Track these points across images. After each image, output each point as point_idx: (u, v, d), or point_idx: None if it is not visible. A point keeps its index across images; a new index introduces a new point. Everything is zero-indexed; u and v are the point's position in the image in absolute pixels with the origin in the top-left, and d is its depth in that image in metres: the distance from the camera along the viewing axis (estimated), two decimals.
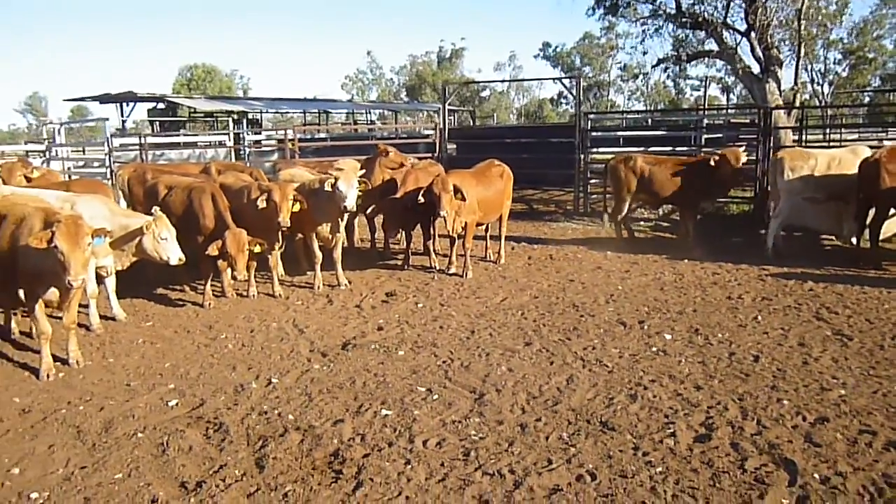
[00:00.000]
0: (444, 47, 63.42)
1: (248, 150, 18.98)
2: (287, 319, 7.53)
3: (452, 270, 9.35)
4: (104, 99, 20.38)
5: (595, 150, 14.00)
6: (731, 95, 53.96)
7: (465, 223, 8.80)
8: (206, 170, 10.81)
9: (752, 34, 17.30)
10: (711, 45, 20.07)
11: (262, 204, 7.82)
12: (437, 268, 9.62)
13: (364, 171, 9.40)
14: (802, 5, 17.35)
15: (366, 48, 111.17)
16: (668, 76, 53.46)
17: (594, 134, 14.15)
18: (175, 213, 8.10)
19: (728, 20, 17.97)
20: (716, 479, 3.99)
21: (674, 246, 10.87)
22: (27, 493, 4.15)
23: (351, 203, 8.08)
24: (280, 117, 41.03)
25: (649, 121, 24.49)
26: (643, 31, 21.56)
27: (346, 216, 8.41)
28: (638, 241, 11.38)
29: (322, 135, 21.62)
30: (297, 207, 7.88)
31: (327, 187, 8.12)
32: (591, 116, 15.18)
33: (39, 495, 4.11)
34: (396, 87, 67.63)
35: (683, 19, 18.11)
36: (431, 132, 17.06)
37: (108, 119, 17.18)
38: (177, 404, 5.39)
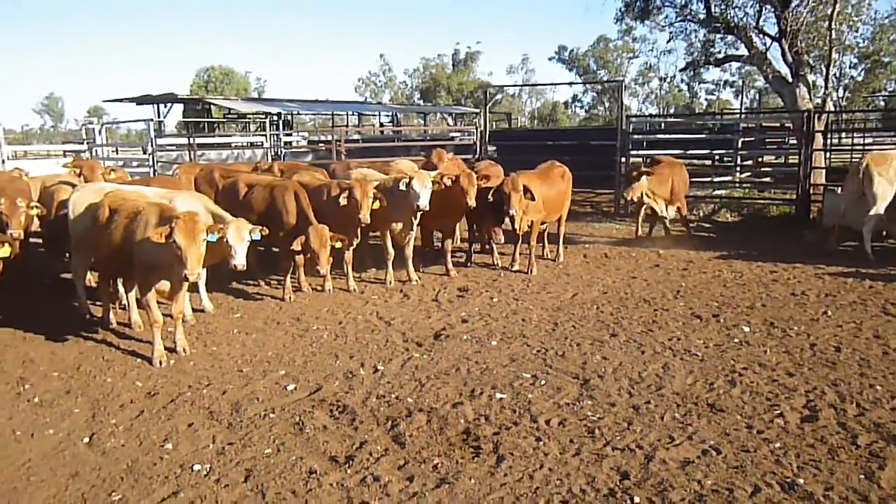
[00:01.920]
0: (459, 50, 63.79)
1: (283, 150, 19.34)
2: (370, 312, 7.86)
3: (516, 268, 9.68)
4: (144, 100, 20.79)
5: (635, 152, 14.29)
6: (745, 99, 54.24)
7: (531, 222, 9.12)
8: (269, 169, 11.17)
9: (784, 39, 17.61)
10: (740, 49, 20.42)
11: (343, 201, 8.15)
12: (500, 265, 9.95)
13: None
14: (834, 9, 17.63)
15: (378, 51, 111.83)
16: (682, 80, 53.82)
17: (635, 136, 14.45)
18: (257, 210, 8.45)
19: (759, 24, 18.27)
20: (833, 453, 4.30)
21: (718, 244, 11.17)
22: (188, 464, 4.48)
23: (424, 202, 8.40)
24: (303, 118, 41.49)
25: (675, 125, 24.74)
26: (670, 34, 21.93)
27: (418, 215, 8.73)
28: (683, 241, 11.67)
29: (354, 136, 21.94)
30: (376, 205, 8.22)
31: (402, 186, 8.45)
32: (633, 119, 15.50)
33: (201, 467, 4.44)
34: (409, 89, 68.01)
35: (715, 24, 18.38)
36: (457, 134, 17.42)
37: (151, 119, 17.57)
38: (295, 388, 5.72)
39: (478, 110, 30.07)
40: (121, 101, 21.30)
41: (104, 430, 5.04)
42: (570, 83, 53.22)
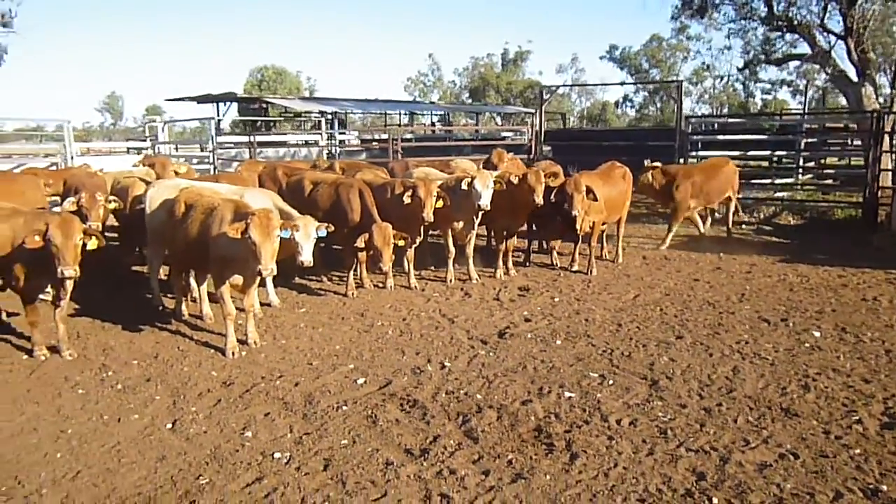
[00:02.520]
0: (508, 49, 63.63)
1: (338, 149, 19.64)
2: (433, 310, 7.96)
3: (575, 268, 9.68)
4: (204, 99, 21.35)
5: (694, 153, 14.10)
6: (803, 99, 52.87)
7: (593, 222, 9.11)
8: (330, 167, 11.38)
9: (849, 37, 17.15)
10: (800, 48, 19.97)
11: (407, 199, 8.27)
12: (560, 265, 9.95)
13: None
14: None
15: (427, 50, 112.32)
16: (737, 79, 52.72)
17: (693, 137, 14.26)
18: (322, 207, 8.63)
19: (823, 22, 17.84)
20: None
21: (781, 247, 10.97)
22: (269, 452, 4.64)
23: (486, 202, 8.45)
24: (352, 116, 41.98)
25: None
26: (728, 32, 21.55)
27: (480, 214, 8.79)
28: (743, 244, 11.50)
29: (407, 135, 22.12)
30: (439, 204, 8.31)
31: (464, 186, 8.52)
32: (693, 120, 15.30)
33: (281, 455, 4.59)
34: (458, 89, 68.11)
35: (778, 22, 18.01)
36: (508, 133, 17.41)
37: (212, 118, 18.03)
38: (365, 382, 5.85)
39: (531, 110, 29.99)
40: (182, 100, 21.92)
41: (185, 417, 5.24)
42: (627, 83, 52.61)
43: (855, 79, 17.57)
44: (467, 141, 24.11)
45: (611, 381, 5.66)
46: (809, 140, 15.18)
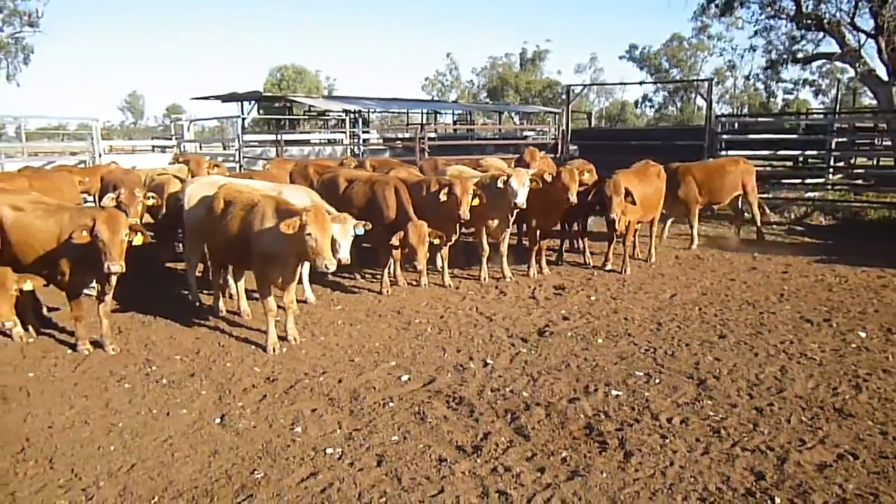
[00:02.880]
0: (527, 49, 63.58)
1: (361, 147, 19.67)
2: (469, 307, 7.95)
3: (609, 267, 9.64)
4: (229, 98, 21.50)
5: (724, 152, 13.99)
6: (825, 99, 52.39)
7: (628, 222, 9.06)
8: (361, 165, 11.40)
9: (881, 36, 16.94)
10: (828, 46, 19.74)
11: (443, 197, 8.26)
12: (592, 265, 9.91)
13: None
14: None
15: (445, 50, 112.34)
16: (759, 78, 52.25)
17: (723, 136, 14.14)
18: (357, 205, 8.64)
19: (853, 20, 17.63)
20: None
21: (815, 248, 10.86)
22: (320, 448, 4.65)
23: (522, 200, 8.41)
24: (371, 115, 42.04)
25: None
26: (754, 30, 21.36)
27: (515, 212, 8.76)
28: (776, 244, 11.39)
29: (430, 134, 22.13)
30: (476, 202, 8.29)
31: (500, 184, 8.50)
32: (722, 119, 15.19)
33: (333, 451, 4.60)
34: (476, 88, 68.14)
35: (806, 20, 17.82)
36: (530, 133, 17.35)
37: (239, 116, 18.13)
38: (409, 379, 5.85)
39: (554, 110, 29.94)
40: (206, 98, 22.09)
41: (233, 412, 5.26)
42: (655, 81, 52.02)
43: (885, 78, 17.37)
44: (489, 140, 24.08)
45: (657, 380, 5.63)
46: (839, 140, 14.98)
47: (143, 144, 24.51)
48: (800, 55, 19.97)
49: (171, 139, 22.49)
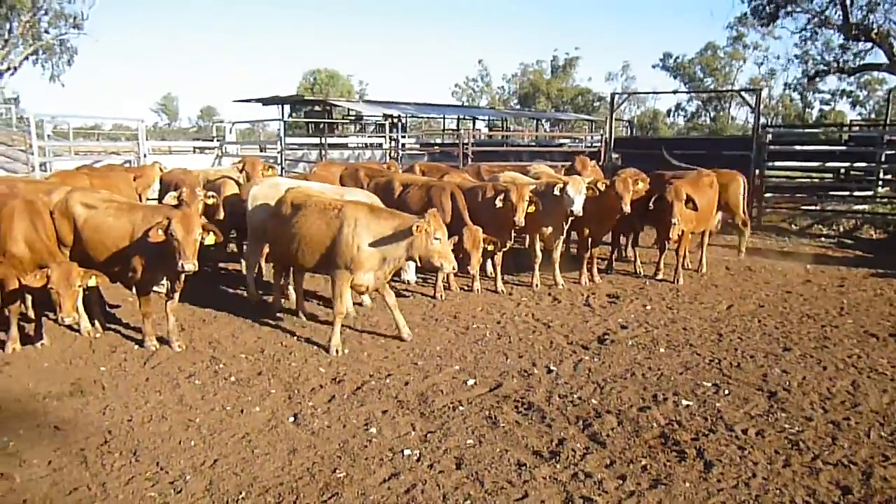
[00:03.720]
0: (558, 56, 63.49)
1: (401, 152, 19.80)
2: (525, 314, 7.97)
3: (660, 277, 9.61)
4: (271, 101, 21.77)
5: (771, 164, 13.86)
6: (863, 110, 51.67)
7: (682, 231, 9.02)
8: (410, 169, 11.49)
9: None
10: (877, 57, 19.48)
11: (499, 203, 8.29)
12: (644, 274, 9.88)
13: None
14: None
15: (477, 56, 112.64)
16: (794, 89, 51.70)
17: (772, 148, 14.00)
18: (412, 209, 8.69)
19: None
20: None
21: (868, 261, 10.72)
22: (398, 449, 4.70)
23: (578, 208, 8.42)
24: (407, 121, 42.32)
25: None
26: (801, 39, 21.15)
27: (569, 220, 8.77)
28: (828, 257, 11.27)
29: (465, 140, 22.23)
30: (531, 209, 8.31)
31: (556, 192, 8.51)
32: (771, 130, 15.05)
33: (411, 453, 4.65)
34: (507, 94, 68.14)
35: (854, 32, 17.64)
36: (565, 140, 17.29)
37: (281, 119, 18.35)
38: (475, 384, 5.88)
39: (592, 118, 29.86)
40: (248, 101, 22.40)
41: (305, 411, 5.34)
42: (700, 91, 51.42)
43: None
44: (525, 147, 24.11)
45: (726, 392, 5.61)
46: (889, 152, 14.76)
47: (183, 146, 24.87)
48: (846, 66, 19.72)
49: (211, 140, 22.80)
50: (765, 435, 4.81)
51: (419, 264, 6.83)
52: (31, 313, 7.13)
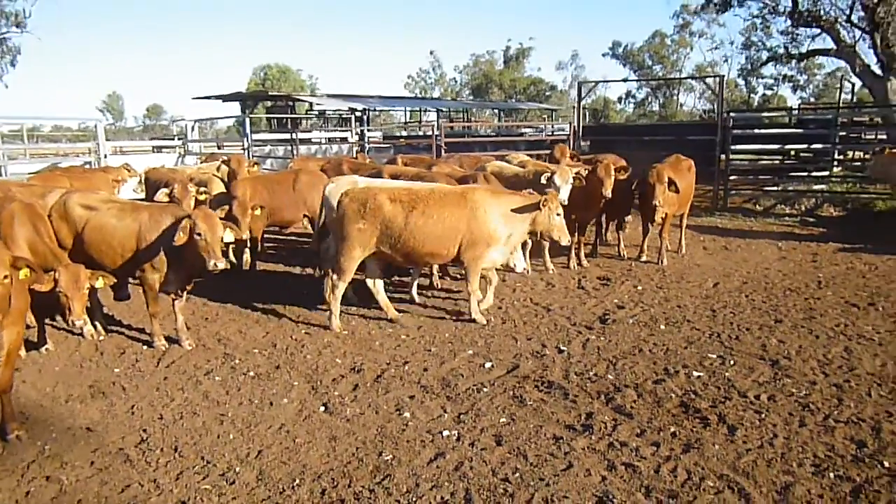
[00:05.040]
0: (510, 46, 63.98)
1: (368, 145, 19.82)
2: (523, 298, 8.21)
3: (644, 258, 9.95)
4: (233, 97, 21.50)
5: (734, 147, 14.39)
6: (804, 94, 53.51)
7: (665, 214, 9.37)
8: (392, 162, 11.61)
9: (876, 32, 17.50)
10: (825, 43, 20.30)
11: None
12: (628, 256, 10.21)
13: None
14: None
15: (428, 47, 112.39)
16: (738, 74, 53.23)
17: (735, 132, 14.54)
18: None
19: (851, 18, 18.20)
20: None
21: (833, 238, 11.29)
22: (436, 431, 4.87)
23: (564, 196, 8.64)
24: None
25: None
26: (752, 26, 21.91)
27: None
28: (795, 235, 11.81)
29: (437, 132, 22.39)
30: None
31: (543, 181, 8.75)
32: (733, 115, 15.59)
33: (450, 433, 4.83)
34: (459, 86, 68.40)
35: (807, 18, 18.34)
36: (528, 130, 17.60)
37: (246, 115, 18.17)
38: (492, 367, 6.09)
39: (552, 107, 30.26)
40: (209, 98, 22.06)
41: (333, 401, 5.46)
42: (664, 78, 52.25)
43: (880, 73, 17.96)
44: (489, 138, 24.37)
45: (732, 362, 5.93)
46: (842, 133, 15.49)
47: (141, 145, 24.39)
48: (795, 53, 20.49)
49: (172, 139, 22.44)
50: (776, 399, 5.14)
51: (538, 239, 7.67)
52: (31, 318, 7.03)
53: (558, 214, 7.10)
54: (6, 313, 4.56)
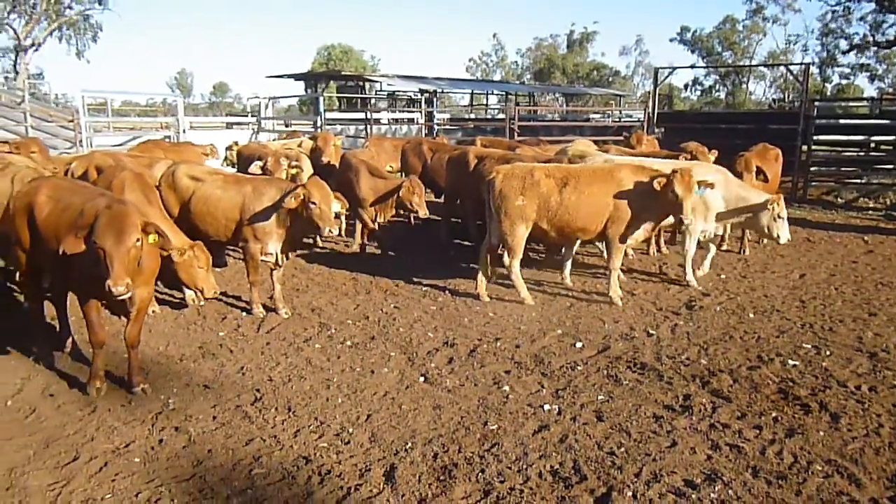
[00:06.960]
0: (574, 30, 63.15)
1: (436, 127, 19.99)
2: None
3: (724, 247, 9.87)
4: (306, 76, 21.93)
5: (817, 137, 14.04)
6: (882, 84, 51.44)
7: None
8: (472, 143, 11.74)
9: None
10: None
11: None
12: None
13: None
14: None
15: (491, 30, 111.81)
16: (812, 63, 51.38)
17: (819, 122, 14.18)
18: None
19: None
20: None
21: None
22: (536, 404, 5.02)
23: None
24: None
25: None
26: (833, 13, 21.22)
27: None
28: (882, 230, 11.52)
29: (501, 116, 22.40)
30: None
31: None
32: (818, 104, 15.20)
33: (550, 407, 4.97)
34: (520, 69, 67.90)
35: (890, 3, 17.66)
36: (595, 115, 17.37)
37: (320, 95, 18.52)
38: (583, 346, 6.20)
39: (620, 93, 29.82)
40: (282, 76, 22.54)
41: (431, 372, 5.65)
42: (745, 66, 50.84)
43: None
44: (557, 122, 24.26)
45: (828, 353, 5.91)
46: None
47: (216, 121, 25.09)
48: (883, 41, 19.75)
49: (246, 116, 22.99)
50: (878, 391, 5.13)
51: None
52: None
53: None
54: (138, 274, 4.88)
